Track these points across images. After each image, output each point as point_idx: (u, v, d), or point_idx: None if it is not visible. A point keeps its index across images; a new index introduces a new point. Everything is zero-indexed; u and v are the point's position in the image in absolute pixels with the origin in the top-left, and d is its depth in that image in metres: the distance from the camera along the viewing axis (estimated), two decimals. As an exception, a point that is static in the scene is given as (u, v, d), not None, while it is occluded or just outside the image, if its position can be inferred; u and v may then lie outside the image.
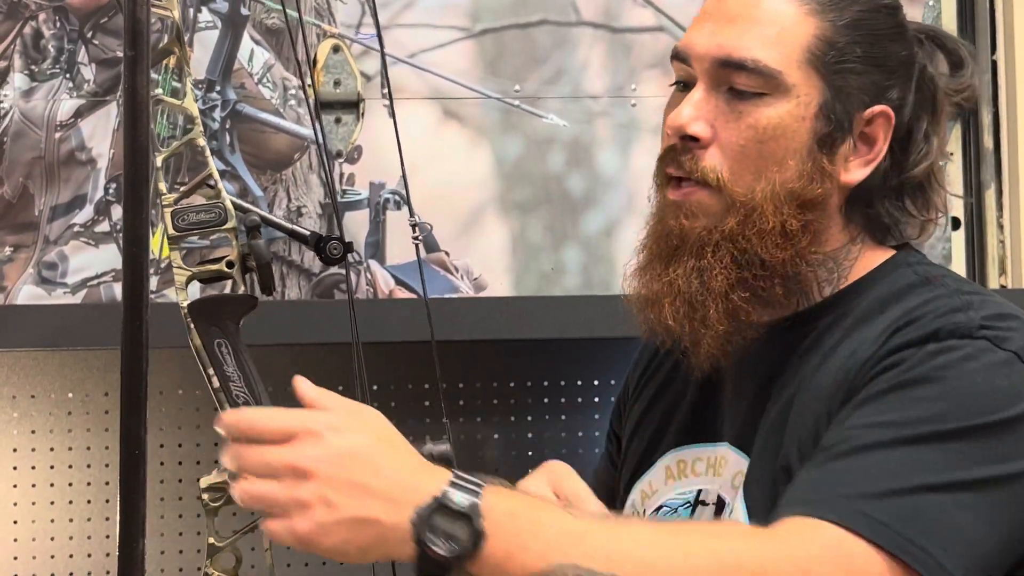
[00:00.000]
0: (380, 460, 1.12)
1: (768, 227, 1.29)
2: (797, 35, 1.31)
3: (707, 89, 1.31)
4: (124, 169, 0.89)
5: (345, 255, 1.13)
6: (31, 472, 2.22)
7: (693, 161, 1.31)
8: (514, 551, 1.11)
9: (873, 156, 1.34)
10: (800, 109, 1.30)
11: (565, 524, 1.13)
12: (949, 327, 1.24)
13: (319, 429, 1.11)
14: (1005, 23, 2.32)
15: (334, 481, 1.10)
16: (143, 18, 0.88)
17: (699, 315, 1.30)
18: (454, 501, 1.10)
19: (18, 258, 2.17)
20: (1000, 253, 2.32)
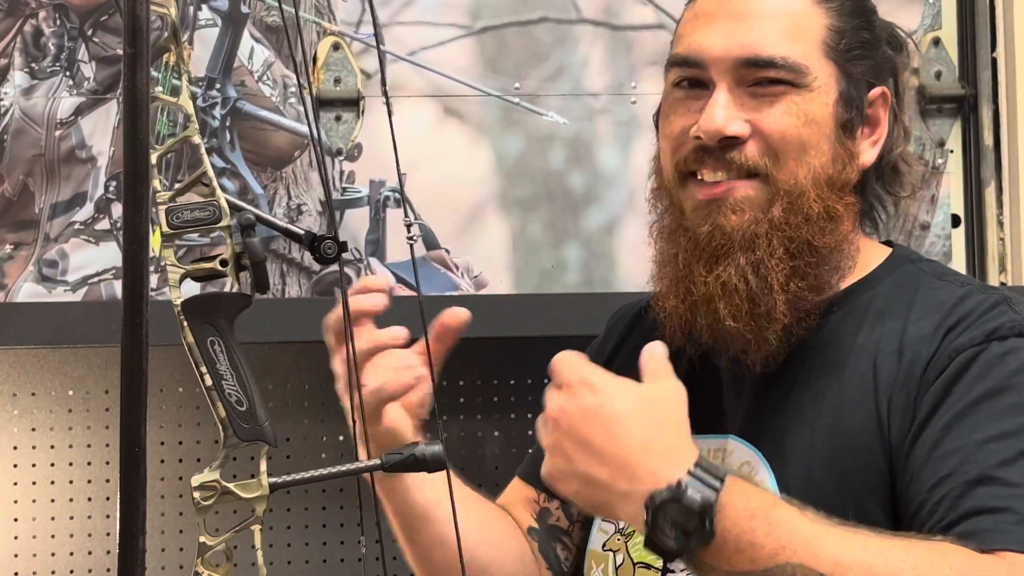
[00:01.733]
0: (622, 429, 1.16)
1: (815, 212, 1.30)
2: (812, 27, 1.32)
3: (730, 89, 1.31)
4: (124, 167, 0.89)
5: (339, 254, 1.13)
6: (32, 469, 2.22)
7: (740, 155, 1.30)
8: (744, 547, 1.13)
9: (878, 136, 1.36)
10: (824, 97, 1.31)
11: (798, 525, 1.14)
12: (1008, 324, 1.26)
13: (576, 384, 1.18)
14: (1005, 21, 2.32)
15: (571, 434, 1.16)
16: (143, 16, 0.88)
17: (763, 310, 1.30)
18: (689, 496, 1.12)
19: (19, 256, 2.17)
20: (1000, 250, 2.32)
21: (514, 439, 2.25)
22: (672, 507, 1.12)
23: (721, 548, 1.13)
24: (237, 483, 1.04)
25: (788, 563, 1.12)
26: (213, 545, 1.03)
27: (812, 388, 1.31)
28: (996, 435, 1.21)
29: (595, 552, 1.44)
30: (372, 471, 1.10)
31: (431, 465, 1.11)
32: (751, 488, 1.16)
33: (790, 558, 1.12)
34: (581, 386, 1.17)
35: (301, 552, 2.27)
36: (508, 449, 2.26)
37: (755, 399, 1.34)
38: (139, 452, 0.89)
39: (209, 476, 1.03)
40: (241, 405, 1.03)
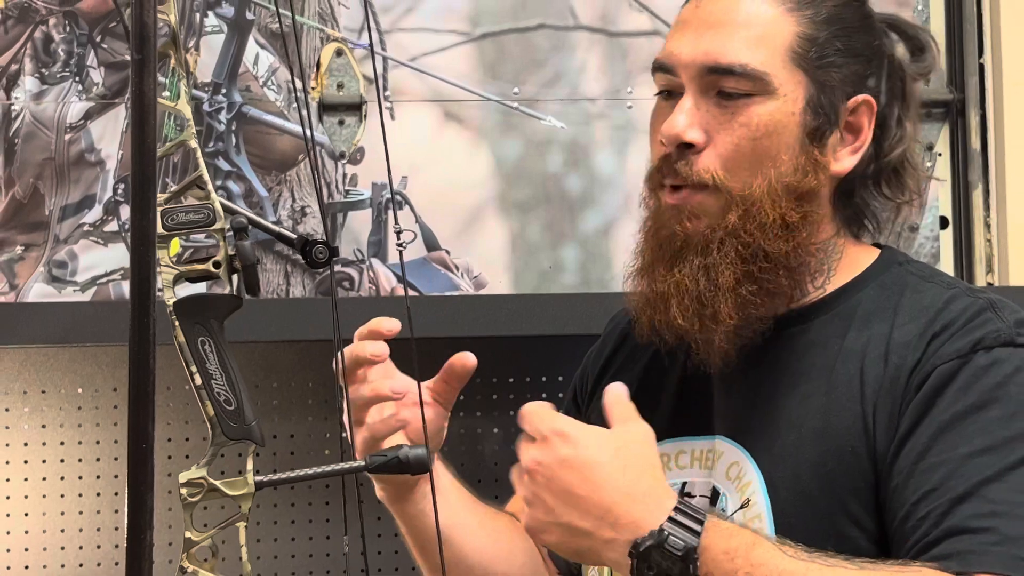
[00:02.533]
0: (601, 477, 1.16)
1: (768, 220, 1.30)
2: (779, 35, 1.31)
3: (696, 95, 1.31)
4: (132, 170, 0.89)
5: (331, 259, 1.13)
6: (42, 465, 2.22)
7: (688, 166, 1.31)
8: None
9: (860, 144, 1.34)
10: (788, 105, 1.30)
11: (778, 563, 1.15)
12: (993, 333, 1.26)
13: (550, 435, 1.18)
14: (992, 26, 2.32)
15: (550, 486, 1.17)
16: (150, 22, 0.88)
17: (709, 312, 1.30)
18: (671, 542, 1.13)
19: (29, 257, 2.17)
20: (987, 251, 2.32)
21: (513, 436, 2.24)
22: (656, 553, 1.13)
23: None
24: (224, 480, 1.04)
25: None
26: (199, 541, 1.04)
27: (800, 390, 1.31)
28: (980, 450, 1.20)
29: None
30: (356, 472, 1.10)
31: (414, 468, 1.11)
32: (731, 528, 1.17)
33: None
34: (555, 437, 1.18)
35: (287, 548, 2.27)
36: (507, 446, 2.26)
37: (743, 400, 1.34)
38: (147, 448, 0.90)
39: (196, 473, 1.03)
40: (230, 404, 1.03)
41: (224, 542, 1.05)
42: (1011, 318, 1.27)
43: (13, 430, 2.22)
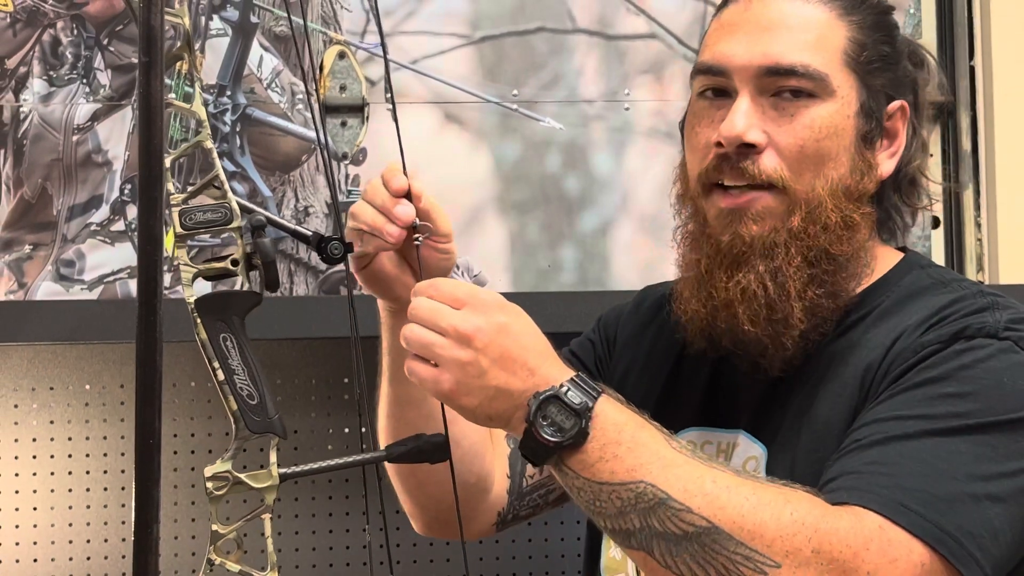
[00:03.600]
0: (527, 340, 1.18)
1: (832, 222, 1.29)
2: (834, 38, 1.31)
3: (752, 97, 1.30)
4: (139, 170, 0.89)
5: (345, 255, 1.13)
6: (50, 461, 2.22)
7: (754, 166, 1.29)
8: (607, 457, 1.15)
9: (896, 148, 1.35)
10: (845, 108, 1.30)
11: (659, 449, 1.16)
12: (976, 325, 1.25)
13: (487, 301, 1.17)
14: (982, 29, 2.32)
15: (489, 350, 1.15)
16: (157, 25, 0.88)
17: (779, 317, 1.29)
18: (569, 397, 1.15)
19: (37, 256, 2.17)
20: (978, 251, 2.32)
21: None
22: (553, 406, 1.15)
23: (588, 453, 1.15)
24: (248, 474, 1.04)
25: (642, 481, 1.14)
26: (225, 533, 1.04)
27: (818, 390, 1.31)
28: (916, 415, 1.20)
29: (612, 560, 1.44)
30: (377, 462, 1.10)
31: (434, 455, 1.11)
32: (624, 406, 1.18)
33: (644, 476, 1.14)
34: (490, 304, 1.18)
35: (308, 540, 2.27)
36: (506, 441, 2.26)
37: (766, 397, 1.34)
38: (153, 444, 0.89)
39: (221, 467, 1.04)
40: (252, 399, 1.04)
41: (246, 535, 1.05)
42: (1005, 316, 1.27)
43: (22, 426, 2.22)
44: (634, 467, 1.14)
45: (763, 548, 1.11)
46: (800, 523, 1.12)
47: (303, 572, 2.26)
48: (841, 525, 1.13)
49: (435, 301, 1.17)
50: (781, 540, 1.11)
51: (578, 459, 1.15)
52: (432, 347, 1.16)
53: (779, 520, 1.12)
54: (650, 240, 2.22)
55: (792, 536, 1.11)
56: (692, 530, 1.12)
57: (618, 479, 1.14)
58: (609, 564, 1.44)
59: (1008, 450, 1.19)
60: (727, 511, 1.12)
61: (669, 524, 1.13)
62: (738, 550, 1.11)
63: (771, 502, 1.13)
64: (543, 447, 1.15)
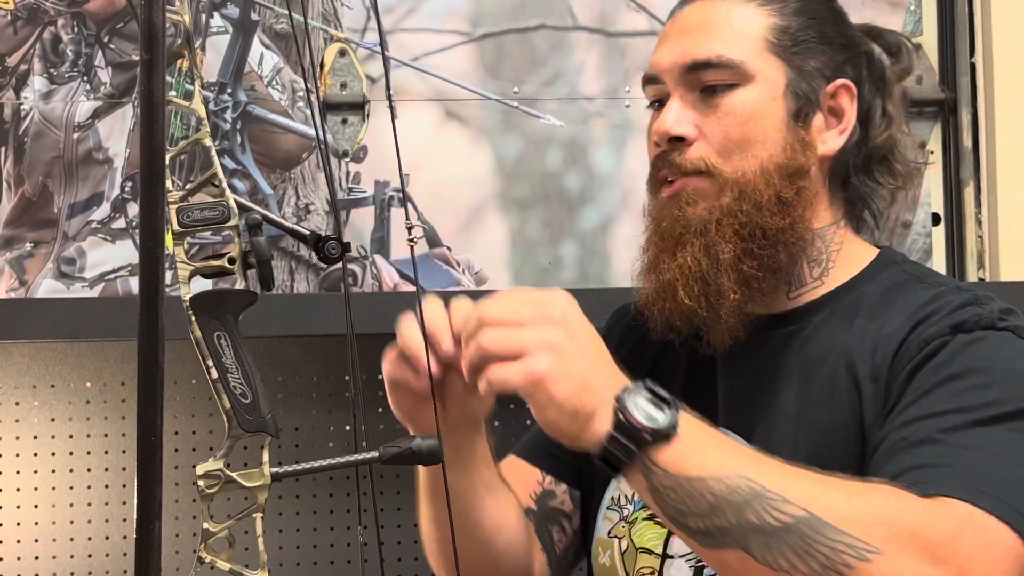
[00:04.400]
0: (601, 344, 1.18)
1: (764, 199, 1.32)
2: (751, 27, 1.36)
3: (681, 95, 1.36)
4: (140, 168, 0.89)
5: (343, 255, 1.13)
6: (51, 458, 2.22)
7: (682, 156, 1.34)
8: (698, 452, 1.14)
9: (844, 126, 1.38)
10: (769, 90, 1.35)
11: (744, 447, 1.18)
12: (974, 318, 1.27)
13: (563, 296, 1.18)
14: (983, 27, 2.32)
15: (576, 338, 1.16)
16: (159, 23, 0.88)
17: (713, 288, 1.32)
18: (658, 391, 1.15)
19: (38, 253, 2.17)
20: (979, 248, 2.32)
21: (513, 429, 2.25)
22: (642, 398, 1.15)
23: (678, 447, 1.14)
24: (240, 472, 1.04)
25: (735, 473, 1.13)
26: (216, 532, 1.03)
27: (797, 385, 1.33)
28: (952, 409, 1.21)
29: (601, 539, 1.44)
30: (370, 463, 1.10)
31: (427, 458, 1.11)
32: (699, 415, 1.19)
33: (737, 469, 1.13)
34: (570, 304, 1.18)
35: (302, 539, 2.27)
36: (507, 438, 2.26)
37: (744, 393, 1.35)
38: (155, 441, 0.89)
39: (213, 465, 1.03)
40: (245, 397, 1.03)
41: (246, 532, 1.05)
42: (994, 307, 1.29)
43: (23, 423, 2.22)
44: (725, 461, 1.14)
45: (863, 535, 1.10)
46: (894, 509, 1.12)
47: (296, 571, 2.26)
48: (933, 511, 1.13)
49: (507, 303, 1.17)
50: (879, 527, 1.11)
51: (668, 453, 1.14)
52: (519, 336, 1.15)
53: (872, 507, 1.12)
54: (651, 237, 2.22)
55: (889, 522, 1.11)
56: (791, 521, 1.11)
57: (709, 472, 1.13)
58: (600, 571, 1.44)
59: None
60: (821, 500, 1.12)
61: (767, 516, 1.11)
62: (839, 538, 1.10)
63: (862, 491, 1.14)
64: (634, 440, 1.14)
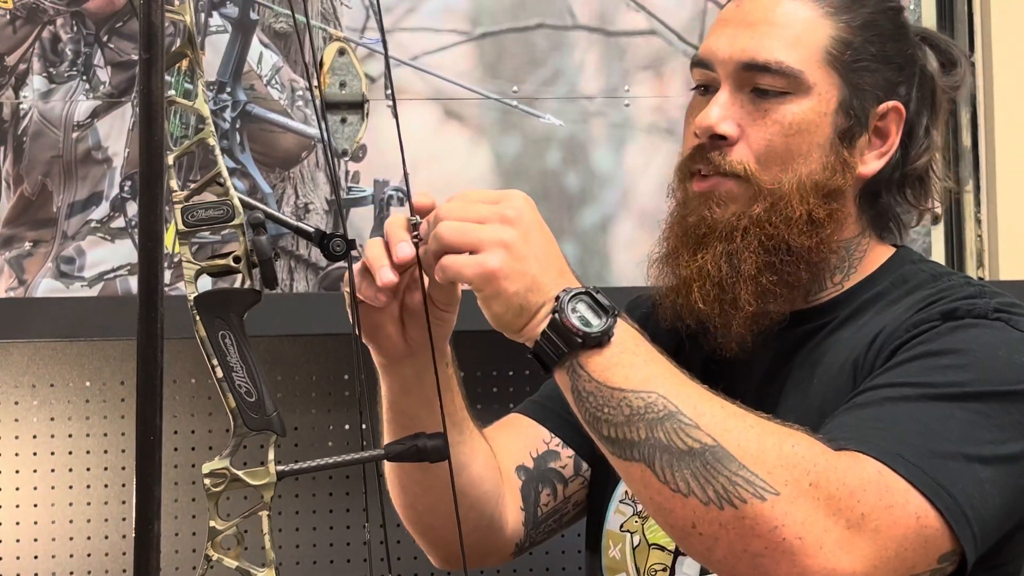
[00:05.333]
0: (554, 244, 1.19)
1: (795, 215, 1.31)
2: (815, 36, 1.33)
3: (732, 91, 1.33)
4: (140, 167, 0.89)
5: (348, 252, 1.13)
6: (50, 458, 2.22)
7: (721, 156, 1.33)
8: (624, 364, 1.15)
9: (887, 149, 1.36)
10: (821, 105, 1.32)
11: (673, 368, 1.17)
12: (966, 307, 1.27)
13: (522, 197, 1.18)
14: (982, 25, 2.32)
15: (531, 236, 1.16)
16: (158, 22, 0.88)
17: (729, 297, 1.32)
18: (599, 298, 1.16)
19: (37, 253, 2.17)
20: (978, 247, 2.32)
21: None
22: (582, 302, 1.16)
23: (606, 356, 1.15)
24: (246, 471, 1.04)
25: (655, 392, 1.14)
26: (223, 530, 1.03)
27: (806, 382, 1.33)
28: (913, 382, 1.21)
29: (612, 532, 1.44)
30: (375, 460, 1.10)
31: (432, 455, 1.11)
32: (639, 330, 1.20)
33: (657, 388, 1.14)
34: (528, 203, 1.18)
35: (308, 536, 2.27)
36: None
37: (758, 392, 1.35)
38: (154, 440, 0.89)
39: (219, 464, 1.03)
40: (250, 396, 1.04)
41: (247, 531, 1.05)
42: (993, 301, 1.29)
43: (22, 423, 2.22)
44: (649, 377, 1.15)
45: (764, 474, 1.11)
46: (801, 456, 1.13)
47: (303, 569, 2.26)
48: (840, 465, 1.13)
49: (466, 200, 1.18)
50: (782, 469, 1.12)
51: (596, 360, 1.15)
52: (473, 231, 1.15)
53: (781, 450, 1.13)
54: (650, 236, 2.20)
55: (792, 467, 1.12)
56: (697, 447, 1.12)
57: (631, 386, 1.14)
58: (610, 564, 1.44)
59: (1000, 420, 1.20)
60: (733, 434, 1.13)
61: (675, 438, 1.13)
62: (740, 472, 1.12)
63: (774, 432, 1.14)
64: (565, 341, 1.15)
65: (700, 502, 1.12)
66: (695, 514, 1.12)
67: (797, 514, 1.11)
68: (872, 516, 1.12)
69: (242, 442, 1.04)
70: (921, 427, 1.18)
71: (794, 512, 1.11)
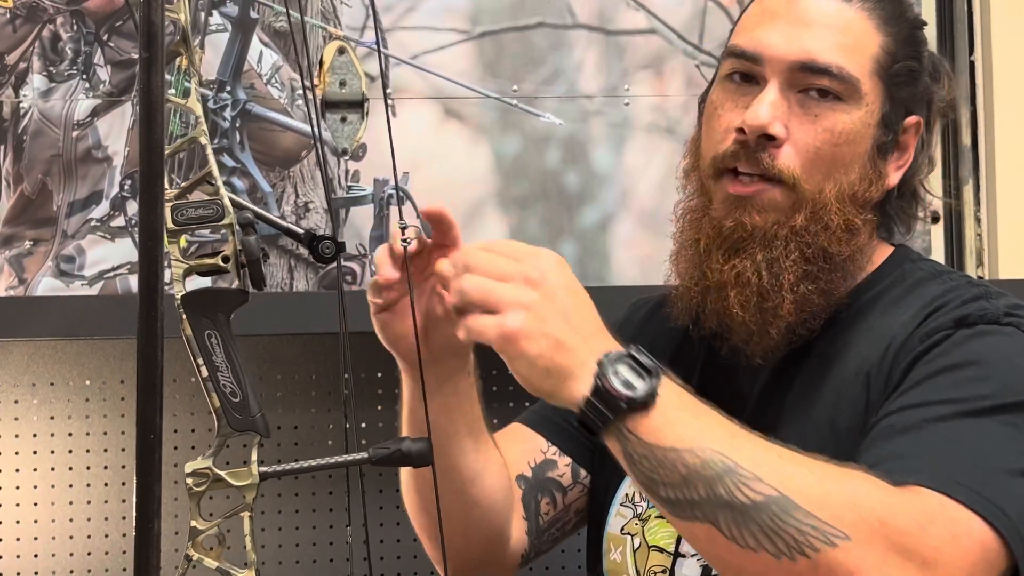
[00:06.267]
0: (586, 306, 1.17)
1: (834, 224, 1.30)
2: (868, 45, 1.32)
3: (781, 89, 1.31)
4: (140, 166, 0.89)
5: (337, 254, 1.13)
6: (51, 456, 2.22)
7: (770, 159, 1.30)
8: (674, 422, 1.14)
9: (904, 162, 1.36)
10: (868, 116, 1.32)
11: (724, 420, 1.15)
12: (978, 312, 1.26)
13: (551, 256, 1.16)
14: (982, 25, 2.32)
15: (554, 299, 1.14)
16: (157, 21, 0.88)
17: (769, 305, 1.30)
18: (641, 359, 1.14)
19: (38, 252, 2.16)
20: (977, 245, 2.32)
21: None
22: (624, 365, 1.14)
23: (655, 417, 1.13)
24: (229, 471, 1.04)
25: (709, 447, 1.12)
26: (204, 530, 1.03)
27: (811, 384, 1.32)
28: (943, 399, 1.21)
29: (613, 535, 1.44)
30: (359, 464, 1.10)
31: (417, 460, 1.11)
32: (683, 383, 1.18)
33: (711, 444, 1.12)
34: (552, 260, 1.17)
35: (290, 537, 2.27)
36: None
37: (762, 394, 1.35)
38: (154, 439, 0.89)
39: (202, 464, 1.03)
40: (235, 396, 1.03)
41: (229, 531, 1.04)
42: (1002, 303, 1.28)
43: (22, 421, 2.22)
44: (701, 433, 1.13)
45: (832, 519, 1.10)
46: (866, 496, 1.12)
47: (285, 569, 2.26)
48: (904, 501, 1.12)
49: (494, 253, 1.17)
50: (848, 512, 1.10)
51: (644, 422, 1.13)
52: (495, 291, 1.14)
53: (844, 492, 1.12)
54: (649, 235, 2.22)
55: (858, 509, 1.11)
56: (760, 499, 1.10)
57: (684, 445, 1.12)
58: (611, 567, 1.44)
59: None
60: (795, 481, 1.11)
61: (737, 493, 1.11)
62: (807, 520, 1.10)
63: (835, 476, 1.13)
64: (610, 407, 1.13)
65: (771, 556, 1.10)
66: (768, 568, 1.11)
67: (870, 558, 1.10)
68: (943, 550, 1.11)
69: (225, 442, 1.04)
70: (965, 448, 1.17)
71: (868, 556, 1.10)
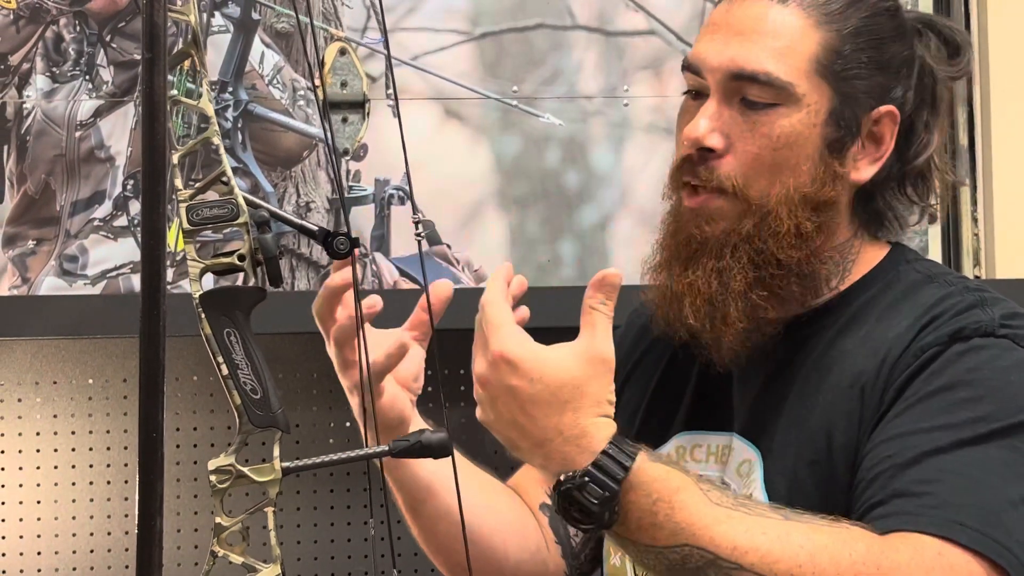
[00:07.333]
0: (539, 412, 1.17)
1: (783, 229, 1.29)
2: (805, 46, 1.29)
3: (720, 101, 1.30)
4: (142, 166, 0.89)
5: (352, 250, 1.13)
6: (53, 454, 2.22)
7: (709, 171, 1.30)
8: (646, 527, 1.15)
9: (880, 154, 1.33)
10: (811, 117, 1.29)
11: (700, 509, 1.15)
12: (972, 325, 1.25)
13: (500, 361, 1.18)
14: (979, 24, 2.32)
15: (495, 404, 1.19)
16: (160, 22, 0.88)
17: (719, 314, 1.30)
18: (590, 488, 1.14)
19: (41, 251, 2.17)
20: (974, 245, 2.32)
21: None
22: (576, 496, 1.15)
23: (624, 526, 1.15)
24: (251, 467, 1.04)
25: (686, 544, 1.13)
26: (229, 526, 1.03)
27: (805, 389, 1.31)
28: (940, 425, 1.20)
29: None
30: (380, 457, 1.10)
31: (437, 451, 1.11)
32: (658, 470, 1.16)
33: (688, 540, 1.13)
34: (504, 364, 1.17)
35: (311, 533, 2.27)
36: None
37: (756, 400, 1.33)
38: (156, 437, 0.90)
39: (225, 460, 1.03)
40: (256, 393, 1.04)
41: (249, 527, 1.05)
42: (998, 312, 1.26)
43: (25, 420, 2.22)
44: (675, 531, 1.14)
45: None
46: (861, 563, 1.11)
47: (305, 565, 2.26)
48: (901, 559, 1.12)
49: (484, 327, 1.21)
50: None
51: (617, 530, 1.16)
52: (476, 368, 1.21)
53: (839, 564, 1.11)
54: (649, 235, 2.20)
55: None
56: None
57: (661, 544, 1.14)
58: (611, 572, 1.43)
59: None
60: (783, 564, 1.12)
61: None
62: None
63: (827, 547, 1.13)
64: (577, 528, 1.18)
65: None
66: None
67: None
68: None
69: (246, 439, 1.04)
70: (968, 481, 1.17)
71: None
